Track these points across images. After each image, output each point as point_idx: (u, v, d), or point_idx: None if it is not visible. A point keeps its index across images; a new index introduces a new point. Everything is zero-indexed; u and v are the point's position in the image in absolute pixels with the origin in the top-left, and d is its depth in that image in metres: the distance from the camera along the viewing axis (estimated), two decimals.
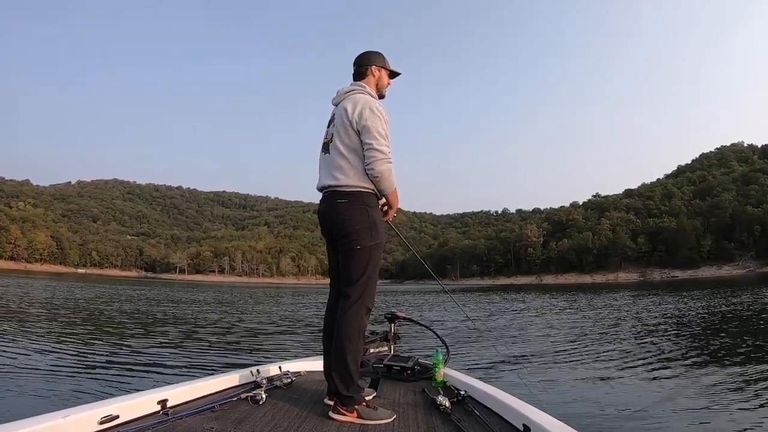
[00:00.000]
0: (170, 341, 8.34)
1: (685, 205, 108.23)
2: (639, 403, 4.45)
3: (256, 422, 1.77)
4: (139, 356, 6.62)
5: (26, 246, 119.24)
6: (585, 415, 4.08)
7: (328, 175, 2.07)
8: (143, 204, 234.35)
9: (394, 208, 2.23)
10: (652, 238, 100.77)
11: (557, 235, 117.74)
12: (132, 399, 1.76)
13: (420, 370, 2.74)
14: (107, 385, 4.87)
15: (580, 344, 8.45)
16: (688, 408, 4.23)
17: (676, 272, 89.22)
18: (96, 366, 5.78)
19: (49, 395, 4.32)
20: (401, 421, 1.89)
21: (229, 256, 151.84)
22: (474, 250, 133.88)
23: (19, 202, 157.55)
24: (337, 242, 2.07)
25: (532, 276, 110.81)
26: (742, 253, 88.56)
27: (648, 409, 4.25)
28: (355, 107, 2.00)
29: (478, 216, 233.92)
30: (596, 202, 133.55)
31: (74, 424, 1.48)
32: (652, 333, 9.57)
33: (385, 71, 2.24)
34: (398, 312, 3.28)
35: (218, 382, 2.25)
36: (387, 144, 1.99)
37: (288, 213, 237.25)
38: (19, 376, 4.98)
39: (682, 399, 4.53)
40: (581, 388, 5.11)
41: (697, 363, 6.33)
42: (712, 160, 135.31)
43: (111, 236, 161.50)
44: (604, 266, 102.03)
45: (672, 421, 3.90)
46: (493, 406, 2.01)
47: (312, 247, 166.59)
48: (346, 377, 1.92)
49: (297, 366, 2.78)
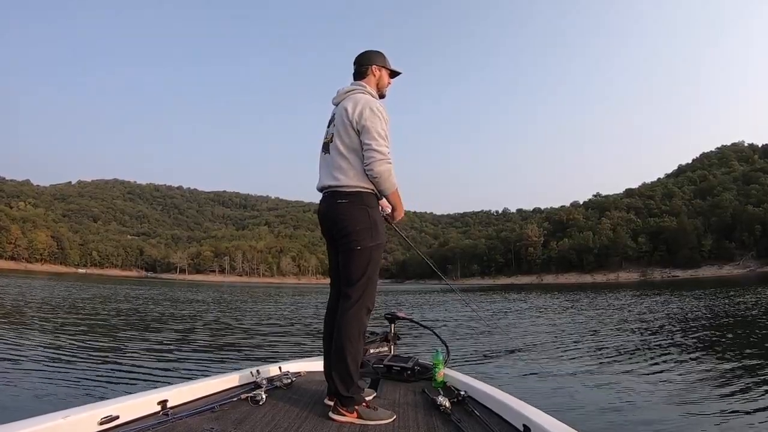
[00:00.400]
0: (170, 341, 8.33)
1: (686, 204, 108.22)
2: (640, 403, 4.43)
3: (256, 423, 1.77)
4: (139, 356, 6.61)
5: (26, 246, 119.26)
6: (585, 415, 4.07)
7: (328, 175, 2.06)
8: (144, 204, 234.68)
9: (398, 210, 2.20)
10: (653, 238, 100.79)
11: (558, 234, 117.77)
12: (132, 399, 1.76)
13: (420, 370, 2.73)
14: (107, 385, 4.86)
15: (581, 344, 8.44)
16: (690, 408, 4.21)
17: (677, 272, 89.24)
18: (96, 366, 5.77)
19: (49, 395, 4.31)
20: (401, 421, 1.88)
21: (229, 256, 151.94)
22: (475, 250, 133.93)
23: (19, 202, 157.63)
24: (338, 242, 2.06)
25: (532, 276, 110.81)
26: (742, 252, 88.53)
27: (649, 409, 4.23)
28: (355, 107, 1.99)
29: (479, 216, 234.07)
30: (597, 202, 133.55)
31: (74, 424, 1.48)
32: (654, 333, 9.55)
33: (386, 71, 2.22)
34: (398, 312, 3.28)
35: (218, 382, 2.24)
36: (386, 145, 1.98)
37: (288, 213, 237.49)
38: (19, 377, 4.97)
39: (684, 400, 4.51)
40: (582, 388, 5.10)
41: (700, 364, 6.30)
42: (712, 160, 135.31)
43: (111, 236, 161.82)
44: (605, 266, 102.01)
45: (673, 421, 3.89)
46: (493, 406, 2.00)
47: (312, 247, 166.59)
48: (346, 378, 1.91)
49: (297, 366, 2.77)
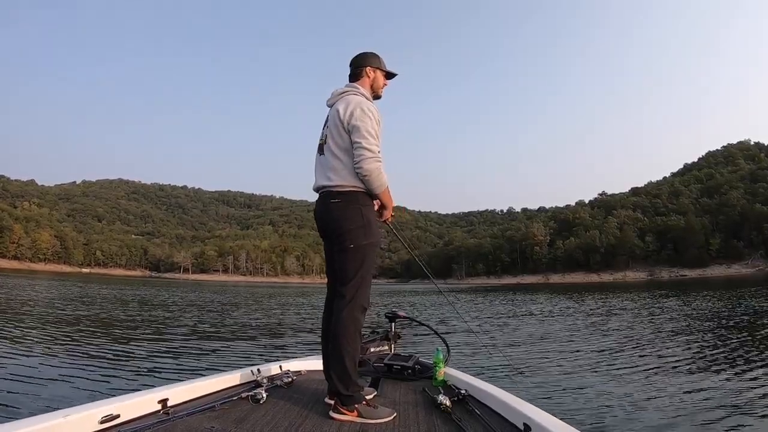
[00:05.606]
0: (171, 340, 8.37)
1: (693, 203, 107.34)
2: (641, 403, 4.39)
3: (257, 422, 1.77)
4: (139, 355, 6.64)
5: (30, 246, 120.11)
6: (586, 415, 4.04)
7: (323, 175, 2.09)
8: (148, 203, 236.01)
9: (388, 208, 2.23)
10: (660, 237, 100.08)
11: (564, 233, 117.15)
12: (132, 398, 1.75)
13: (420, 369, 2.72)
14: (107, 384, 4.88)
15: (581, 344, 8.40)
16: (691, 409, 4.17)
17: (685, 271, 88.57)
18: (96, 365, 5.79)
19: (50, 395, 4.32)
20: (402, 420, 1.88)
21: (233, 256, 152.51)
22: (480, 249, 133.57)
23: (24, 202, 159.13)
24: (332, 242, 2.08)
25: (538, 275, 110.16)
26: (751, 251, 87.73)
27: (650, 409, 4.19)
28: (347, 108, 2.02)
29: (483, 215, 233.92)
30: (603, 201, 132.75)
31: (74, 423, 1.48)
32: (660, 334, 9.49)
33: (381, 72, 2.25)
34: (399, 311, 3.28)
35: (219, 381, 2.24)
36: (377, 143, 1.99)
37: (293, 212, 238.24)
38: (19, 376, 4.99)
39: (685, 400, 4.47)
40: (582, 387, 5.06)
41: (704, 365, 6.25)
42: (718, 158, 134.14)
43: (115, 236, 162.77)
44: (612, 265, 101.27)
45: (674, 422, 3.84)
46: (494, 405, 1.99)
47: (317, 247, 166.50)
48: (344, 376, 1.92)
49: (297, 365, 2.77)
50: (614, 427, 3.76)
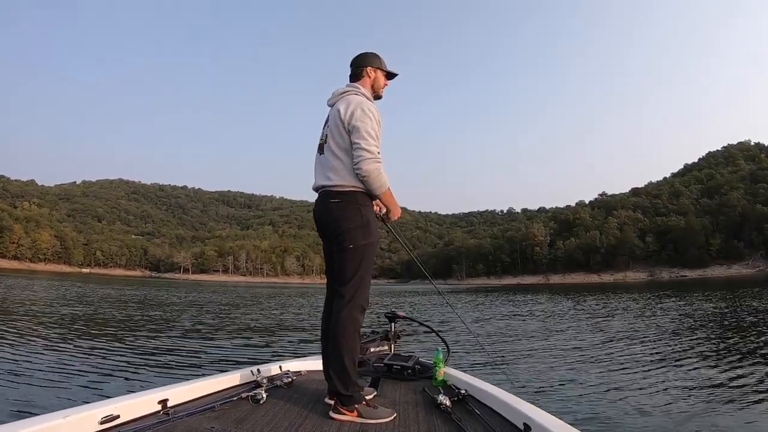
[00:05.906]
0: (171, 341, 8.37)
1: (693, 203, 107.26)
2: (641, 403, 4.39)
3: (257, 422, 1.76)
4: (139, 356, 6.64)
5: (30, 246, 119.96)
6: (586, 415, 4.03)
7: (322, 175, 2.09)
8: (148, 204, 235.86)
9: (393, 211, 2.20)
10: (661, 237, 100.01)
11: (564, 234, 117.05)
12: (132, 399, 1.75)
13: (420, 369, 2.72)
14: (107, 385, 4.88)
15: (582, 344, 8.40)
16: (692, 409, 4.17)
17: (685, 271, 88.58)
18: (96, 366, 5.79)
19: (49, 395, 4.33)
20: (402, 420, 1.88)
21: (233, 256, 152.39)
22: (480, 250, 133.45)
23: (24, 202, 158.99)
24: (331, 242, 2.08)
25: (539, 275, 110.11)
26: (751, 252, 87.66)
27: (650, 409, 4.19)
28: (347, 108, 2.02)
29: (484, 215, 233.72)
30: (603, 201, 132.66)
31: (74, 424, 1.48)
32: (660, 335, 9.48)
33: (381, 72, 2.25)
34: (398, 311, 3.27)
35: (219, 381, 2.24)
36: (376, 144, 1.99)
37: (293, 212, 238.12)
38: (19, 377, 5.00)
39: (686, 400, 4.46)
40: (582, 387, 5.06)
41: (705, 365, 6.25)
42: (719, 159, 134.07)
43: (115, 236, 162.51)
44: (612, 265, 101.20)
45: (675, 422, 3.84)
46: (494, 405, 1.99)
47: (317, 247, 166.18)
48: (344, 376, 1.92)
49: (297, 365, 2.76)
50: (614, 427, 3.76)
